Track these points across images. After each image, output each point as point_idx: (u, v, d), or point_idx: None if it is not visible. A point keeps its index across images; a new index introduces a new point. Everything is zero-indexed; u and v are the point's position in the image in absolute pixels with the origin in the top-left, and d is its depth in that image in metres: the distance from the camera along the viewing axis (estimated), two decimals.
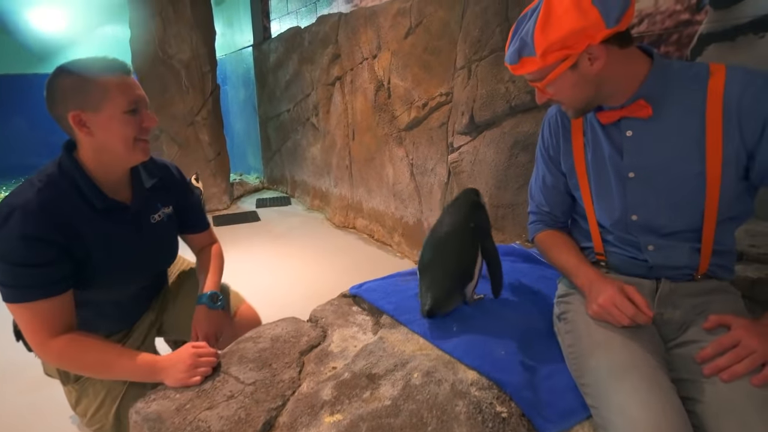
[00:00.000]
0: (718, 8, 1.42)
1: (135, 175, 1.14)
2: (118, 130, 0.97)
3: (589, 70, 0.87)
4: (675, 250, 0.95)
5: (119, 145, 0.99)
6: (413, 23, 2.83)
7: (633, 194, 0.96)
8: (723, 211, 0.89)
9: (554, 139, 1.09)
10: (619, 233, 1.00)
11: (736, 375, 0.78)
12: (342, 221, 4.03)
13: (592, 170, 1.01)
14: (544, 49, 0.85)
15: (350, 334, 1.21)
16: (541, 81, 0.91)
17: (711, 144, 0.86)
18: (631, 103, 0.91)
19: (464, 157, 2.14)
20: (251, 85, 5.45)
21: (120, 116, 0.97)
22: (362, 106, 3.54)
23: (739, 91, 0.83)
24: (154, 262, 1.24)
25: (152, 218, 1.18)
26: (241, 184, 5.25)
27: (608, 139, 0.97)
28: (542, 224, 1.15)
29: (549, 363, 1.05)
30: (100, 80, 0.95)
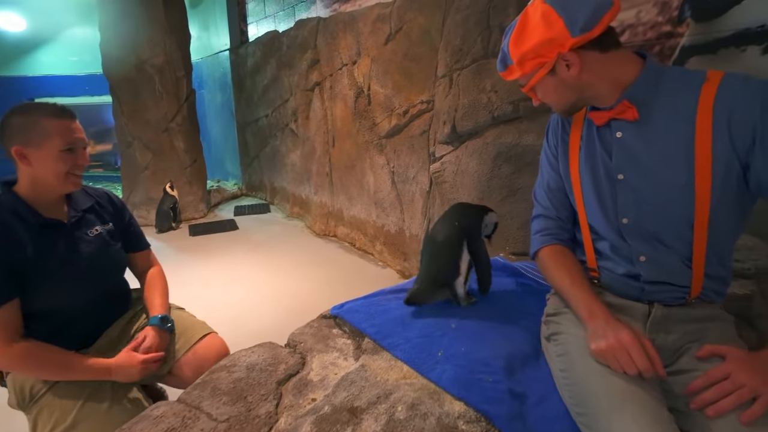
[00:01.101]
0: (699, 21, 1.41)
1: (71, 199, 1.27)
2: (52, 165, 1.14)
3: (567, 75, 0.91)
4: (666, 265, 0.92)
5: (52, 177, 1.16)
6: (393, 29, 2.79)
7: (623, 196, 0.94)
8: (714, 225, 0.87)
9: (555, 140, 1.09)
10: (612, 240, 0.98)
11: (721, 411, 0.75)
12: (323, 229, 3.95)
13: (585, 171, 1.00)
14: (519, 59, 0.94)
15: (330, 361, 1.15)
16: (525, 87, 1.00)
17: (700, 152, 0.84)
18: (617, 104, 0.92)
19: (446, 167, 2.11)
20: (228, 89, 5.33)
21: (56, 154, 1.13)
22: (342, 112, 3.48)
23: (730, 98, 0.82)
24: (96, 273, 1.27)
25: (89, 233, 1.27)
26: (218, 191, 5.13)
27: (600, 141, 0.97)
28: (549, 236, 1.09)
29: (537, 387, 1.01)
30: (44, 122, 1.12)
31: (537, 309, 1.29)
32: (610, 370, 0.84)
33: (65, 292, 1.19)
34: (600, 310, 0.91)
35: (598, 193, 0.98)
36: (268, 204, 4.90)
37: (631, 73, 0.90)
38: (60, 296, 1.18)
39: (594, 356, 0.87)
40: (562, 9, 0.86)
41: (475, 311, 1.30)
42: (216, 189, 5.20)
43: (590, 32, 0.85)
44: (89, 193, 1.35)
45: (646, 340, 0.85)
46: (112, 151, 7.67)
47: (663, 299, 0.95)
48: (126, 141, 4.18)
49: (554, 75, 0.92)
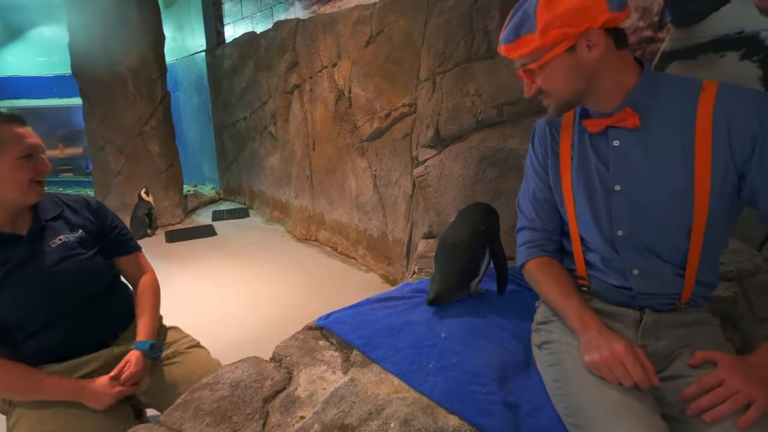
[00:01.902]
0: (679, 26, 1.43)
1: (37, 209, 1.22)
2: (13, 174, 1.09)
3: (586, 56, 0.85)
4: (659, 277, 0.92)
5: (14, 187, 1.10)
6: (374, 32, 2.76)
7: (619, 208, 0.92)
8: (709, 233, 0.87)
9: (543, 150, 1.06)
10: (604, 253, 0.96)
11: (718, 417, 0.75)
12: (304, 234, 3.89)
13: (577, 183, 0.98)
14: (546, 24, 0.83)
15: (318, 375, 1.11)
16: (536, 62, 0.88)
17: (700, 160, 0.84)
18: (618, 111, 0.89)
19: (430, 171, 2.09)
20: (205, 91, 5.21)
21: (14, 162, 1.08)
22: (322, 115, 3.44)
23: (730, 108, 0.82)
24: (58, 284, 1.19)
25: (51, 243, 1.20)
26: (195, 196, 5.00)
27: (595, 151, 0.95)
28: (536, 248, 1.07)
29: (530, 397, 1.00)
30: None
31: (526, 315, 1.29)
32: (605, 381, 0.83)
33: (21, 306, 1.13)
34: (592, 321, 0.90)
35: (592, 205, 0.96)
36: (246, 208, 4.80)
37: (632, 78, 0.89)
38: (17, 311, 1.13)
39: (588, 368, 0.86)
40: None
41: (464, 319, 1.28)
42: (193, 194, 5.07)
43: (623, 13, 0.83)
44: (60, 200, 1.29)
45: (640, 350, 0.84)
46: (82, 155, 7.42)
47: (653, 305, 0.95)
48: (98, 145, 4.03)
49: (572, 54, 0.86)
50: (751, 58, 1.30)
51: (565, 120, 1.03)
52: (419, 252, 2.02)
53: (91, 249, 1.28)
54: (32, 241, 1.18)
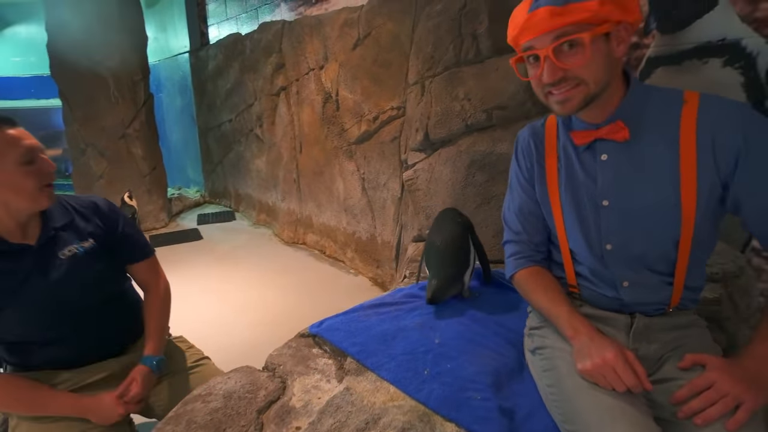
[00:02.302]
0: (664, 33, 1.46)
1: (46, 216, 1.14)
2: (18, 184, 1.01)
3: (615, 49, 0.82)
4: (649, 286, 0.93)
5: (23, 197, 1.03)
6: (362, 34, 2.76)
7: (607, 222, 0.92)
8: (697, 242, 0.88)
9: (528, 164, 1.04)
10: (594, 267, 0.96)
11: (709, 419, 0.77)
12: (291, 237, 3.87)
13: (565, 197, 0.97)
14: None
15: (312, 384, 1.10)
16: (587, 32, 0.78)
17: (685, 174, 0.84)
18: (608, 124, 0.88)
19: (419, 174, 2.09)
20: (188, 92, 5.14)
21: (16, 170, 1.00)
22: (309, 118, 3.42)
23: (713, 122, 0.82)
24: (68, 298, 1.14)
25: (61, 254, 1.14)
26: (180, 199, 4.93)
27: (582, 165, 0.94)
28: (523, 259, 1.07)
29: (524, 402, 1.00)
30: None
31: (518, 319, 1.30)
32: (598, 387, 0.84)
33: (29, 320, 1.09)
34: (583, 327, 0.90)
35: (581, 220, 0.95)
36: (232, 211, 4.75)
37: (621, 89, 0.88)
38: (24, 325, 1.09)
39: (581, 375, 0.87)
40: None
41: (458, 324, 1.28)
42: (177, 197, 5.00)
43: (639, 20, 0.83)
44: (70, 205, 1.20)
45: (631, 355, 0.84)
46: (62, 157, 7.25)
47: (644, 311, 0.96)
48: (79, 148, 3.95)
49: (608, 41, 0.81)
50: (733, 65, 1.33)
51: (549, 132, 1.02)
52: (410, 256, 2.02)
53: (102, 259, 1.20)
54: (41, 253, 1.11)
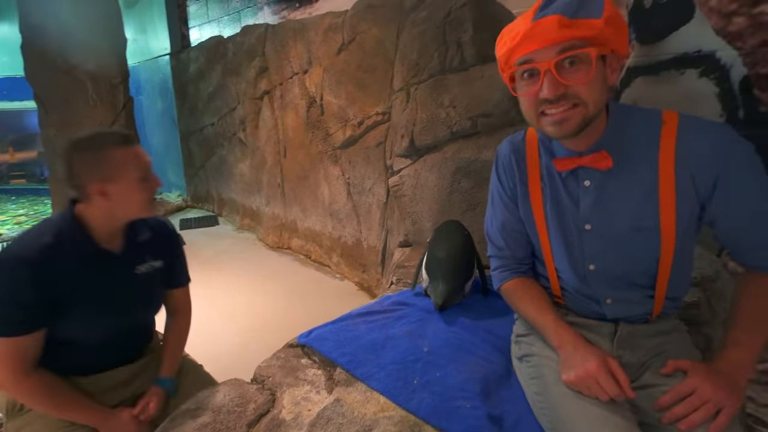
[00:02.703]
0: (643, 44, 1.50)
1: (130, 229, 1.19)
2: (135, 196, 1.09)
3: (610, 75, 0.82)
4: (632, 302, 0.95)
5: (136, 208, 1.12)
6: (346, 39, 2.76)
7: (590, 246, 0.93)
8: (677, 258, 0.90)
9: (511, 182, 1.04)
10: (577, 285, 0.98)
11: (692, 425, 0.79)
12: (276, 242, 3.84)
13: (551, 220, 0.97)
14: (609, 15, 0.76)
15: (302, 395, 1.10)
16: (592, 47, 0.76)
17: (664, 198, 0.85)
18: (591, 153, 0.88)
19: (405, 180, 2.10)
20: (169, 95, 5.06)
21: (135, 184, 1.07)
22: (293, 122, 3.40)
23: (692, 144, 0.83)
24: (130, 310, 1.21)
25: (138, 269, 1.19)
26: (161, 204, 4.85)
27: (566, 189, 0.94)
28: (508, 272, 1.09)
29: (512, 408, 1.02)
30: (114, 154, 1.05)
31: (506, 325, 1.31)
32: (584, 395, 0.86)
33: (96, 326, 1.14)
34: (569, 337, 0.92)
35: (566, 242, 0.96)
36: (216, 216, 4.69)
37: (604, 118, 0.87)
38: (89, 329, 1.13)
39: (565, 384, 0.89)
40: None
41: (446, 332, 1.30)
42: (159, 201, 4.91)
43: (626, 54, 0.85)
44: (148, 223, 1.24)
45: (614, 363, 0.86)
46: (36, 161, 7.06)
47: (627, 319, 0.99)
48: (55, 153, 3.84)
49: (604, 66, 0.80)
50: (708, 76, 1.38)
51: (530, 148, 1.00)
52: (396, 262, 2.03)
53: (163, 281, 1.28)
54: (122, 262, 1.16)
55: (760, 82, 1.31)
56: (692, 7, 1.39)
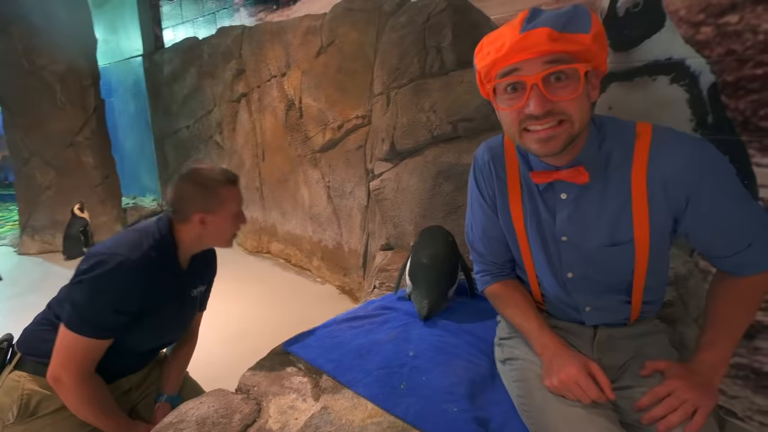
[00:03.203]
0: (617, 51, 1.54)
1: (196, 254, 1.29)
2: (226, 229, 1.24)
3: (592, 91, 0.81)
4: (610, 309, 0.97)
5: (222, 239, 1.26)
6: (325, 42, 2.75)
7: (567, 256, 0.95)
8: (652, 268, 0.92)
9: (490, 191, 1.03)
10: (557, 293, 1.00)
11: (671, 425, 0.81)
12: (255, 246, 3.80)
13: (530, 230, 0.97)
14: (597, 32, 0.75)
15: (288, 404, 1.09)
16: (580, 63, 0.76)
17: (637, 212, 0.86)
18: (569, 168, 0.87)
19: (386, 184, 2.11)
20: (142, 97, 4.94)
21: (230, 219, 1.22)
22: (272, 125, 3.37)
23: (665, 159, 0.82)
24: (176, 330, 1.34)
25: (193, 291, 1.31)
26: (135, 209, 4.72)
27: (543, 201, 0.94)
28: (490, 276, 1.10)
29: (497, 410, 1.03)
30: (221, 191, 1.19)
31: (489, 328, 1.33)
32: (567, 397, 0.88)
33: (154, 339, 1.25)
34: (552, 343, 0.93)
35: (546, 251, 0.97)
36: None
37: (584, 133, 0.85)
38: (146, 342, 1.23)
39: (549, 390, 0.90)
40: None
41: (431, 336, 1.30)
42: (133, 206, 4.78)
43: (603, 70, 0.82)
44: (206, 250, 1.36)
45: (594, 367, 0.87)
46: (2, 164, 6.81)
47: (606, 323, 1.01)
48: (22, 158, 3.71)
49: (587, 82, 0.79)
50: (679, 83, 1.43)
51: (509, 155, 0.99)
52: (379, 265, 2.03)
53: (200, 307, 1.40)
54: (184, 282, 1.27)
55: (727, 89, 1.36)
56: (663, 17, 1.44)
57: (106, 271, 1.06)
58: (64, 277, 1.33)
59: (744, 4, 1.30)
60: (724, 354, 0.88)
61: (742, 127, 1.35)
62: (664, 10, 1.43)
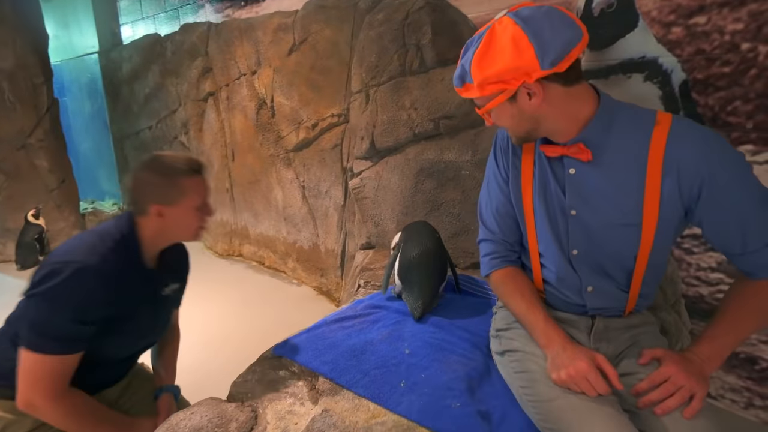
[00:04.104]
0: (593, 49, 1.59)
1: (164, 250, 1.20)
2: (189, 222, 1.14)
3: (527, 105, 0.88)
4: (609, 294, 1.00)
5: (186, 233, 1.16)
6: (297, 40, 2.70)
7: (574, 230, 0.97)
8: (653, 258, 0.94)
9: (506, 163, 1.07)
10: (561, 271, 1.01)
11: (667, 409, 0.84)
12: (226, 249, 3.69)
13: (538, 202, 1.00)
14: (480, 81, 0.87)
15: (286, 409, 1.06)
16: (481, 109, 0.95)
17: (649, 194, 0.88)
18: (571, 145, 0.92)
19: (366, 182, 2.09)
20: (99, 97, 4.70)
21: (191, 212, 1.12)
22: (242, 124, 3.28)
23: (681, 149, 0.85)
24: (152, 332, 1.26)
25: (164, 291, 1.21)
26: (94, 214, 4.48)
27: (554, 174, 0.98)
28: (499, 258, 1.10)
29: (497, 403, 1.04)
30: (182, 182, 1.09)
31: (480, 322, 1.34)
32: None
33: (130, 345, 1.18)
34: (557, 336, 0.95)
35: (553, 225, 0.99)
36: None
37: (588, 110, 0.90)
38: (122, 349, 1.16)
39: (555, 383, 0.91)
40: (534, 36, 0.81)
41: (424, 332, 1.30)
42: (91, 211, 4.54)
43: (559, 66, 0.82)
44: (177, 246, 1.27)
45: (602, 359, 0.89)
46: None
47: (603, 314, 1.04)
48: None
49: (514, 102, 0.89)
50: (652, 80, 1.50)
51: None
52: (361, 264, 2.02)
53: (174, 305, 1.33)
54: (158, 282, 1.19)
55: (697, 86, 1.43)
56: (636, 17, 1.50)
57: (62, 281, 0.96)
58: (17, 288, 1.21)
59: (711, 7, 1.37)
60: (721, 349, 0.90)
61: (712, 123, 1.42)
62: (638, 10, 1.49)
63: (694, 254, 1.56)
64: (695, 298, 1.58)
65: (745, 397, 1.54)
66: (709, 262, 1.54)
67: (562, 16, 0.85)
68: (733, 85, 1.37)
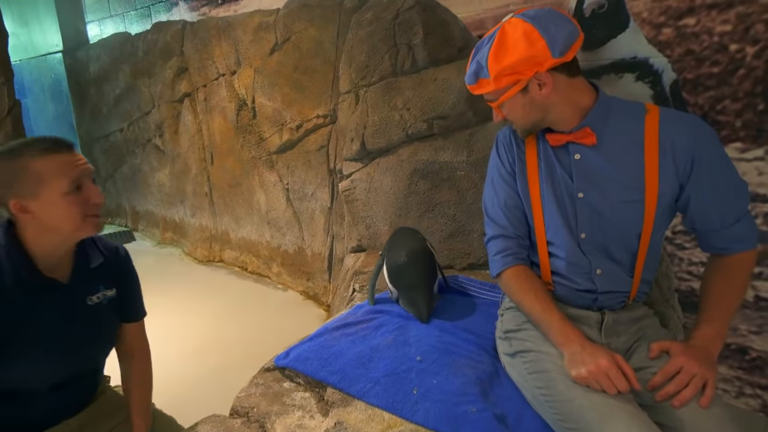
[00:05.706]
0: (585, 49, 1.61)
1: (80, 253, 1.04)
2: (61, 212, 0.92)
3: (538, 94, 0.97)
4: (616, 277, 1.04)
5: (65, 225, 0.93)
6: (280, 39, 2.64)
7: (582, 213, 1.02)
8: (654, 236, 1.01)
9: (510, 158, 1.12)
10: (571, 256, 1.04)
11: (685, 400, 0.86)
12: (206, 255, 3.57)
13: (546, 190, 1.06)
14: (497, 73, 0.96)
15: (295, 422, 1.02)
16: (494, 102, 1.03)
17: (649, 175, 0.96)
18: (577, 130, 0.99)
19: (357, 184, 2.06)
20: (64, 98, 4.48)
21: (60, 199, 0.91)
22: (221, 126, 3.19)
23: (673, 130, 0.95)
24: (85, 347, 1.05)
25: (89, 300, 1.04)
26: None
27: (559, 162, 1.04)
28: (511, 256, 1.10)
29: (510, 405, 1.04)
30: (33, 166, 0.90)
31: (484, 323, 1.34)
32: None
33: (41, 370, 0.97)
34: (574, 335, 0.96)
35: (561, 210, 1.04)
36: (130, 231, 4.24)
37: (589, 100, 1.00)
38: (33, 375, 0.96)
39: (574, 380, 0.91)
40: (544, 30, 0.91)
41: (430, 337, 1.28)
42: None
43: (566, 55, 0.92)
44: (100, 246, 1.10)
45: (620, 359, 0.91)
46: None
47: (610, 305, 1.06)
48: None
49: (525, 93, 0.98)
50: (643, 80, 1.52)
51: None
52: (354, 268, 1.98)
53: (117, 312, 1.11)
54: (72, 293, 1.01)
55: (687, 85, 1.47)
56: (627, 18, 1.52)
57: None
58: None
59: (700, 8, 1.41)
60: (720, 329, 0.96)
61: None
62: (628, 11, 1.52)
63: (686, 249, 1.60)
64: (687, 292, 1.62)
65: (736, 386, 1.58)
66: (701, 257, 1.58)
67: (561, 14, 0.96)
68: (722, 84, 1.41)
